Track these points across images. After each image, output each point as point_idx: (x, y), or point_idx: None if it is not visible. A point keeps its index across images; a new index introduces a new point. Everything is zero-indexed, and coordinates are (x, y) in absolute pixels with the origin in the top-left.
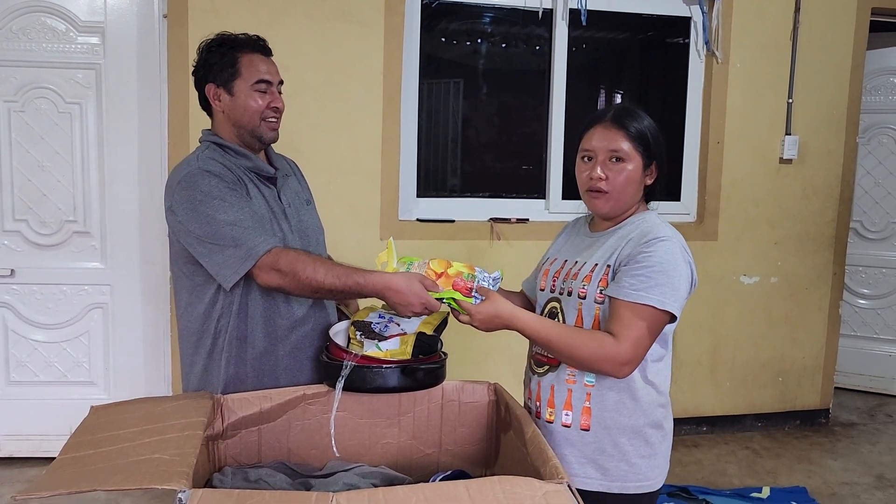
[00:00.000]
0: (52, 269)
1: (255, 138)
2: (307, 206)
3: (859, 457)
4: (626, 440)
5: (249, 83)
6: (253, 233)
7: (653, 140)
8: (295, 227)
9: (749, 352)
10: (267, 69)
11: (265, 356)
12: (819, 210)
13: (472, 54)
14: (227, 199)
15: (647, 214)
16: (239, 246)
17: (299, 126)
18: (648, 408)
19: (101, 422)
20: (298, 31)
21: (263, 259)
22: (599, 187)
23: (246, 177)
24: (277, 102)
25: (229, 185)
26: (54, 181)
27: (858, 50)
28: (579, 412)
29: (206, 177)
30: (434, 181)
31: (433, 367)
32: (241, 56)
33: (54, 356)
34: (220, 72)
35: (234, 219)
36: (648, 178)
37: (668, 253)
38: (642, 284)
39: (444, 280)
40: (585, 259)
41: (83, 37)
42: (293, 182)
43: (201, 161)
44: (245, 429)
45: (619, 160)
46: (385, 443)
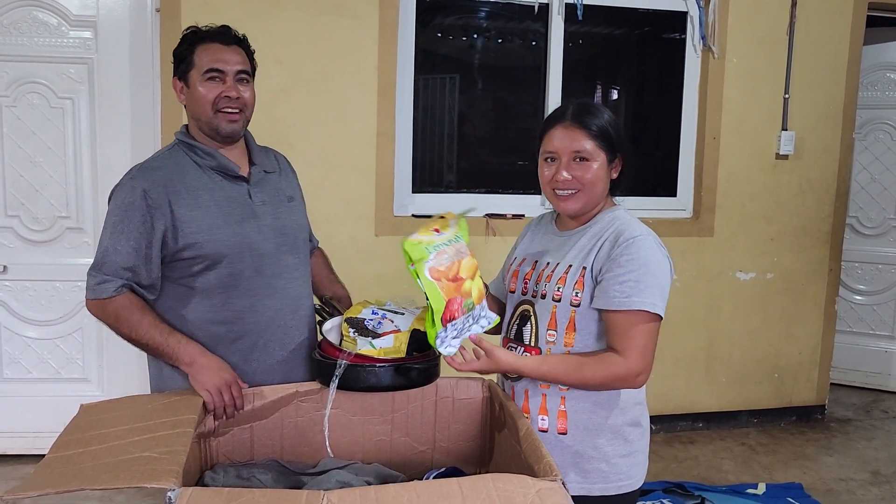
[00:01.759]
0: (44, 265)
1: (212, 131)
2: (288, 204)
3: (855, 453)
4: (605, 441)
5: (201, 72)
6: (108, 269)
7: (615, 134)
8: (268, 225)
9: (745, 348)
10: (220, 57)
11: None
12: (815, 206)
13: (467, 49)
14: (122, 225)
15: (616, 212)
16: (94, 272)
17: (293, 120)
18: (626, 406)
19: (90, 420)
20: (291, 25)
21: (93, 303)
22: (569, 187)
23: (201, 181)
24: (231, 91)
25: (140, 209)
26: (47, 177)
27: (855, 45)
28: (555, 416)
29: (130, 192)
30: (429, 177)
31: (427, 365)
32: (198, 46)
33: (47, 353)
34: (180, 64)
35: (109, 247)
36: (614, 172)
37: (647, 251)
38: (632, 290)
39: (452, 285)
40: (557, 260)
41: (75, 31)
42: (274, 178)
43: (143, 169)
44: (237, 426)
45: (584, 160)
46: (378, 440)
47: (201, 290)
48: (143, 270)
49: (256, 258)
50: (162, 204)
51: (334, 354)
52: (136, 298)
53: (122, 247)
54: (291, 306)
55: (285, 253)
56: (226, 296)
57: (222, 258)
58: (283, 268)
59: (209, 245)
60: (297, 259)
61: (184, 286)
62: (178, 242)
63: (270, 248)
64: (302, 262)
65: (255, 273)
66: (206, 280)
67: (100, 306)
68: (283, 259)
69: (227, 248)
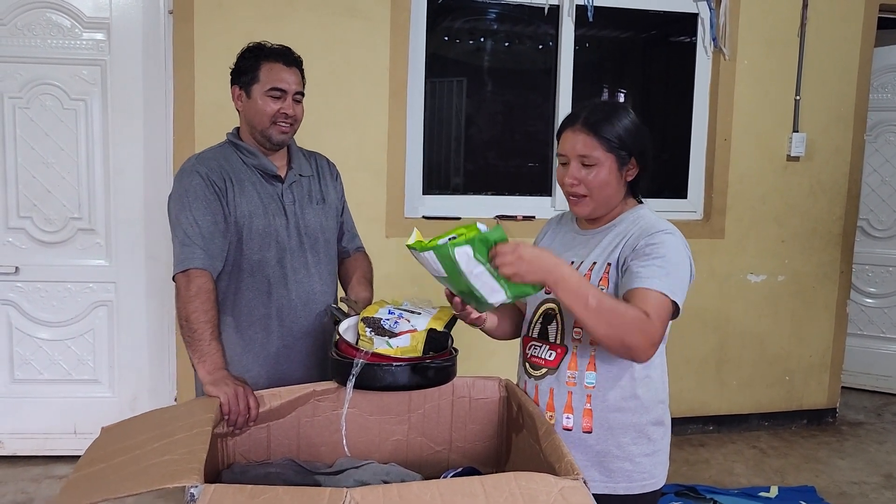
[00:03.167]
0: (56, 266)
1: (265, 139)
2: (317, 206)
3: (867, 456)
4: (629, 440)
5: (265, 88)
6: (196, 242)
7: (627, 136)
8: (294, 223)
9: (756, 350)
10: (283, 77)
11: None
12: (826, 208)
13: (477, 52)
14: (196, 203)
15: (641, 210)
16: (182, 248)
17: (304, 121)
18: (650, 405)
19: (111, 438)
20: (303, 26)
21: (183, 274)
22: (575, 191)
23: (245, 174)
24: (288, 109)
25: (209, 188)
26: (59, 178)
27: (866, 46)
28: (581, 414)
29: (192, 176)
30: (440, 179)
31: (444, 364)
32: (263, 63)
33: (59, 354)
34: (243, 75)
35: (191, 221)
36: (630, 174)
37: (673, 246)
38: (654, 274)
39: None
40: (582, 258)
41: (88, 33)
42: (310, 182)
43: (201, 159)
44: (254, 425)
45: (590, 164)
46: (395, 440)
47: (230, 271)
48: (221, 244)
49: (280, 250)
50: (221, 187)
51: (351, 353)
52: (215, 288)
53: (201, 220)
54: (303, 299)
55: (307, 250)
56: (251, 279)
57: (253, 244)
58: (302, 263)
59: (245, 230)
60: (317, 257)
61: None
62: (228, 222)
63: (294, 244)
64: (322, 260)
65: (277, 263)
66: (237, 262)
67: (189, 278)
68: (304, 255)
69: (259, 236)
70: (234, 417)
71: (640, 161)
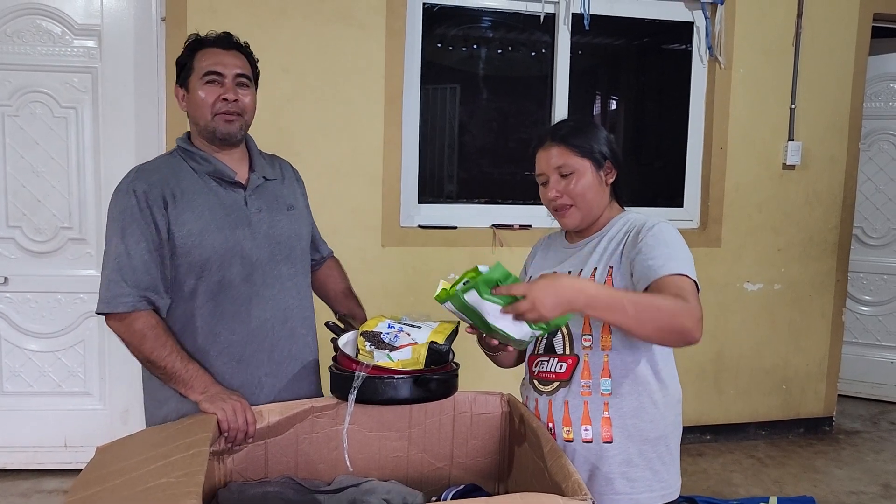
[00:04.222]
0: (46, 276)
1: (210, 134)
2: (287, 212)
3: (865, 465)
4: (649, 447)
5: (199, 76)
6: (126, 278)
7: (595, 141)
8: (263, 232)
9: (753, 359)
10: (218, 60)
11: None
12: (822, 216)
13: (473, 59)
14: (130, 228)
15: (629, 215)
16: (109, 284)
17: (299, 129)
18: (667, 410)
19: (106, 458)
20: (298, 33)
21: (116, 319)
22: (560, 204)
23: (196, 185)
24: (229, 94)
25: (145, 210)
26: (49, 187)
27: (860, 55)
28: (599, 424)
29: (128, 196)
30: (436, 187)
31: (446, 376)
32: (198, 52)
33: (48, 366)
34: (181, 71)
35: (122, 251)
36: (609, 177)
37: (669, 233)
38: (668, 259)
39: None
40: (579, 267)
41: (79, 40)
42: (275, 186)
43: (141, 172)
44: (252, 442)
45: (568, 174)
46: (395, 456)
47: (189, 296)
48: (157, 275)
49: (247, 266)
50: (160, 205)
51: (351, 367)
52: (160, 320)
53: (133, 250)
54: (281, 317)
55: (280, 262)
56: (214, 303)
57: (211, 264)
58: (276, 277)
59: (198, 250)
60: (293, 269)
61: (172, 293)
62: (171, 245)
63: (264, 256)
64: (298, 271)
65: (244, 281)
66: (193, 286)
67: (125, 323)
68: (276, 268)
69: (217, 254)
70: (233, 434)
71: (614, 164)
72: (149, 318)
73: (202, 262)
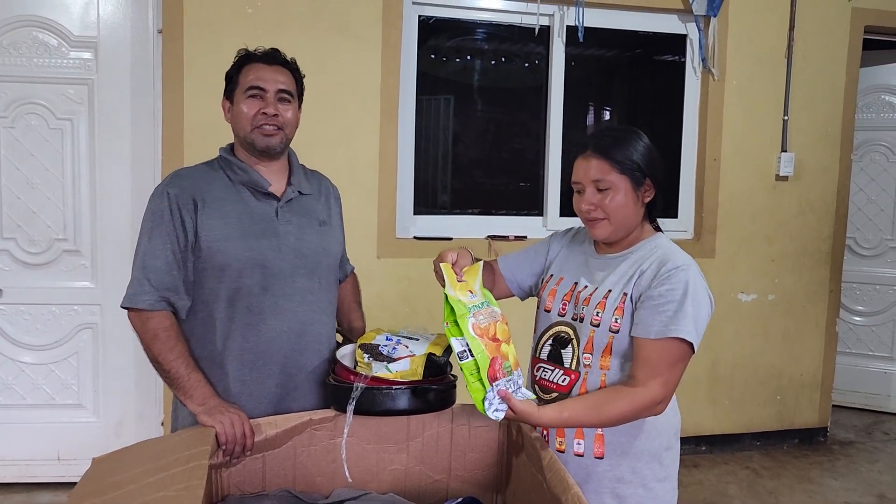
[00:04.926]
0: (41, 288)
1: (249, 146)
2: (318, 227)
3: (859, 476)
4: (642, 464)
5: (243, 90)
6: (149, 276)
7: (639, 158)
8: (289, 245)
9: (747, 370)
10: (261, 76)
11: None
12: (816, 227)
13: (468, 71)
14: (159, 229)
15: (658, 240)
16: (133, 280)
17: (295, 140)
18: (662, 428)
19: (103, 470)
20: (294, 45)
21: (135, 313)
22: (594, 216)
23: (228, 193)
24: (269, 108)
25: (175, 213)
26: (44, 199)
27: (852, 67)
28: (592, 440)
29: (161, 197)
30: (431, 198)
31: (445, 387)
32: (244, 66)
33: (42, 378)
34: (228, 84)
35: (149, 251)
36: (647, 196)
37: (689, 283)
38: (669, 319)
39: (492, 344)
40: (596, 284)
41: (75, 52)
42: (309, 201)
43: (176, 176)
44: (250, 455)
45: (605, 188)
46: (393, 469)
47: (211, 299)
48: (179, 277)
49: (268, 276)
50: (189, 209)
51: (349, 378)
52: (175, 322)
53: (159, 250)
54: (297, 330)
55: (302, 275)
56: (231, 309)
57: (231, 270)
58: (296, 290)
59: (220, 255)
60: (315, 283)
61: (194, 296)
62: (197, 248)
63: (286, 268)
64: (321, 286)
65: (262, 291)
66: (215, 290)
67: (141, 320)
68: (297, 281)
69: (237, 262)
70: (232, 447)
71: (654, 183)
72: (163, 320)
73: (223, 267)
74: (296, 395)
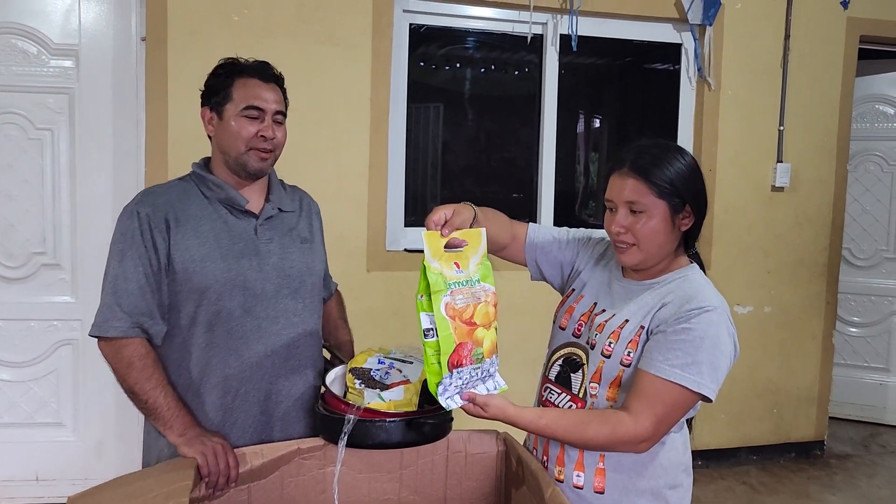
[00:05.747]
0: (19, 303)
1: (240, 167)
2: (300, 245)
3: (858, 491)
4: (644, 502)
5: (239, 108)
6: (120, 303)
7: (680, 180)
8: (272, 264)
9: (744, 384)
10: (259, 95)
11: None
12: (812, 238)
13: (460, 80)
14: (131, 251)
15: (691, 272)
16: (103, 307)
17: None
18: (669, 466)
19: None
20: (282, 54)
21: (106, 342)
22: (623, 240)
23: (204, 212)
24: (267, 131)
25: (146, 233)
26: (23, 211)
27: (847, 77)
28: (592, 473)
29: (132, 218)
30: (422, 210)
31: (442, 420)
32: (237, 80)
33: (20, 396)
34: (215, 95)
35: (120, 274)
36: (684, 224)
37: (712, 326)
38: (679, 360)
39: (465, 328)
40: (614, 311)
41: (56, 60)
42: (290, 218)
43: (147, 195)
44: (234, 488)
45: (639, 211)
46: (385, 499)
47: (187, 324)
48: (153, 301)
49: (250, 297)
50: (161, 229)
51: (340, 408)
52: (150, 349)
53: (130, 274)
54: (283, 354)
55: (286, 296)
56: (210, 334)
57: (211, 293)
58: (280, 311)
59: (198, 277)
60: (300, 304)
61: (169, 321)
62: (171, 270)
63: (269, 289)
64: (307, 307)
65: (245, 313)
66: (192, 314)
67: (114, 349)
68: (281, 302)
69: (217, 283)
70: (215, 478)
71: (695, 208)
72: (138, 348)
73: (201, 290)
74: (281, 422)
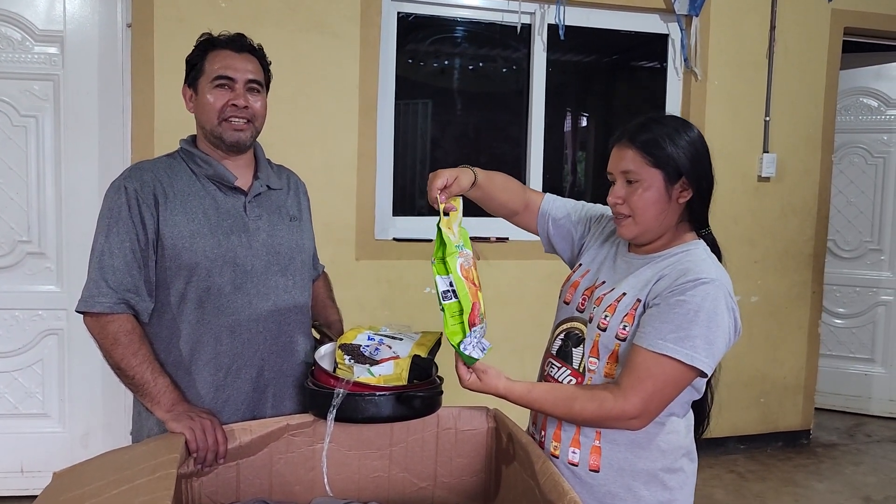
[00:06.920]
0: (3, 293)
1: (217, 140)
2: (289, 223)
3: (844, 478)
4: (640, 484)
5: (209, 79)
6: (106, 278)
7: (676, 151)
8: (261, 241)
9: (732, 373)
10: (230, 64)
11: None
12: (798, 228)
13: (448, 71)
14: (117, 227)
15: (693, 247)
16: (90, 282)
17: (271, 140)
18: (668, 449)
19: (63, 485)
20: (270, 42)
21: (92, 318)
22: (620, 211)
23: (192, 188)
24: (239, 100)
25: (134, 208)
26: (7, 199)
27: (832, 69)
28: (588, 451)
29: (119, 193)
30: (411, 199)
31: (432, 393)
32: (210, 53)
33: (4, 386)
34: (190, 71)
35: (106, 249)
36: (681, 196)
37: (708, 299)
38: (672, 334)
39: (473, 288)
40: (613, 284)
41: (40, 46)
42: (279, 196)
43: (135, 170)
44: (223, 463)
45: (634, 181)
46: (375, 476)
47: (177, 302)
48: (140, 277)
49: (240, 274)
50: (150, 204)
51: (329, 383)
52: (137, 325)
53: (117, 249)
54: (274, 331)
55: (275, 273)
56: (200, 312)
57: (200, 269)
58: (270, 288)
59: (187, 253)
60: (290, 281)
61: (158, 298)
62: (160, 246)
63: (259, 266)
64: (296, 284)
65: (235, 290)
66: (181, 291)
67: (100, 324)
68: (271, 279)
69: (207, 260)
70: (203, 454)
71: (693, 181)
72: (124, 323)
73: (191, 267)
74: (272, 399)
